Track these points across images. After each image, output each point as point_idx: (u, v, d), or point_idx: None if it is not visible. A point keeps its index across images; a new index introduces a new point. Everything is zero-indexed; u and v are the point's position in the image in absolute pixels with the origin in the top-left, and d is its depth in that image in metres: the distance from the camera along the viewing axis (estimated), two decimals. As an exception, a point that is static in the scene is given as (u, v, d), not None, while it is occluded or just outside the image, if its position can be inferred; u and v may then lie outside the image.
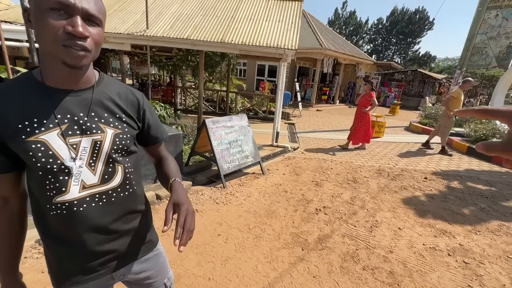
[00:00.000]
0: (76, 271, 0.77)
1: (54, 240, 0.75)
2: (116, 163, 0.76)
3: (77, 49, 0.59)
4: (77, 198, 0.70)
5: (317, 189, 3.80)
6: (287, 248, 2.44)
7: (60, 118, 0.66)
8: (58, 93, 0.66)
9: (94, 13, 0.61)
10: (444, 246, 2.61)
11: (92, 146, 0.70)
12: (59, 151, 0.66)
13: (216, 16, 6.23)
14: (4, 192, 0.72)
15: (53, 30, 0.57)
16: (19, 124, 0.63)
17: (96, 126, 0.71)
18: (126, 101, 0.78)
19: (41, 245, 2.16)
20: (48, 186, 0.67)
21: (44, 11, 0.56)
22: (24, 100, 0.64)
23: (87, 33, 0.59)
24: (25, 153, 0.64)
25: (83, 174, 0.70)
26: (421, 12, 35.42)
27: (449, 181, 4.36)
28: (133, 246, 0.86)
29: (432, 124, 8.68)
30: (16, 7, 6.93)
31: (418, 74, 18.67)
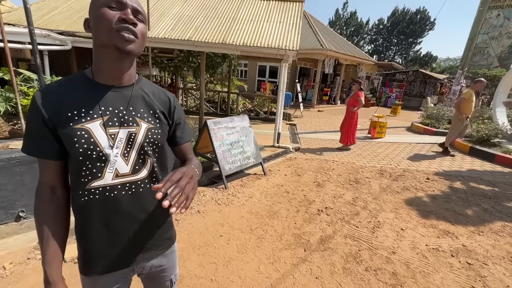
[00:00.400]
0: (102, 261, 0.82)
1: (87, 228, 0.80)
2: (146, 156, 0.83)
3: (128, 32, 0.71)
4: (110, 184, 0.77)
5: (319, 189, 3.79)
6: (289, 249, 2.44)
7: (103, 110, 0.75)
8: (104, 88, 0.76)
9: (140, 10, 0.75)
10: (447, 247, 2.60)
11: (127, 138, 0.78)
12: (99, 139, 0.74)
13: (217, 17, 6.25)
14: (52, 181, 0.78)
15: (109, 19, 0.69)
16: (68, 113, 0.72)
17: (132, 119, 0.79)
18: (160, 100, 0.87)
19: (44, 246, 2.17)
20: (84, 172, 0.75)
21: (101, 8, 0.70)
22: (74, 93, 0.74)
23: (135, 20, 0.72)
24: (70, 139, 0.72)
25: (117, 163, 0.77)
26: (422, 12, 35.37)
27: (451, 182, 4.34)
28: (155, 240, 0.91)
29: (434, 124, 8.66)
30: (19, 9, 6.98)
31: (419, 74, 18.63)
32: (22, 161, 2.25)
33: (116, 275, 0.86)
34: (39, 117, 0.71)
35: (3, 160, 2.16)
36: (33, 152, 0.75)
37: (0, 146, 2.49)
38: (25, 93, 3.71)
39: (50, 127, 0.72)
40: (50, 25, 6.33)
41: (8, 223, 2.27)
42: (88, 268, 0.83)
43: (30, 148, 0.74)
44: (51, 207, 0.78)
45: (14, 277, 1.86)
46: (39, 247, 2.15)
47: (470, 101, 5.41)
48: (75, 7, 7.26)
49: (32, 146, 0.74)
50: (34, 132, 0.73)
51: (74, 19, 6.67)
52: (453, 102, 11.34)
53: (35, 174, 2.34)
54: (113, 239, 0.82)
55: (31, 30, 2.43)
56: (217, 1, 6.93)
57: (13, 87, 3.06)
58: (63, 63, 7.36)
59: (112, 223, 0.80)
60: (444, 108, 9.36)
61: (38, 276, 1.89)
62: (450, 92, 11.87)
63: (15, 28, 5.19)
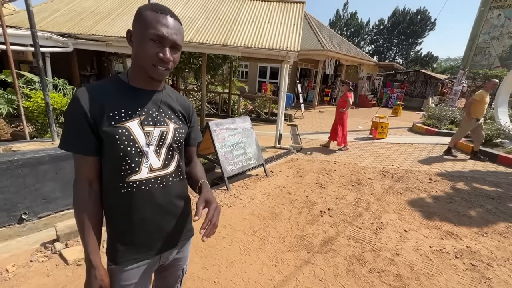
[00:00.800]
0: (134, 249, 0.89)
1: (121, 219, 0.87)
2: (174, 152, 0.93)
3: (162, 69, 0.81)
4: (146, 178, 0.85)
5: (321, 191, 3.78)
6: (292, 251, 2.43)
7: (140, 111, 0.84)
8: (139, 92, 0.86)
9: (179, 42, 0.82)
10: (451, 249, 2.58)
11: (160, 136, 0.87)
12: (138, 136, 0.83)
13: (218, 18, 6.26)
14: (89, 175, 0.84)
15: (150, 54, 0.78)
16: (110, 113, 0.79)
17: (163, 120, 0.89)
18: (182, 105, 0.98)
19: (47, 249, 2.17)
20: (124, 166, 0.82)
21: (146, 40, 0.77)
22: (115, 95, 0.82)
23: (171, 58, 0.81)
24: (112, 136, 0.79)
25: (151, 158, 0.86)
26: (423, 12, 35.33)
27: (454, 183, 4.32)
28: (180, 230, 0.99)
29: (436, 124, 8.63)
30: (21, 12, 7.01)
31: (420, 74, 18.61)
32: (25, 163, 2.25)
33: (143, 266, 0.92)
34: (81, 115, 0.77)
35: (6, 163, 2.16)
36: (73, 148, 0.80)
37: (3, 148, 2.48)
38: (27, 95, 3.71)
39: (92, 125, 0.78)
40: (52, 27, 6.35)
41: (10, 225, 2.27)
42: (121, 257, 0.88)
43: (70, 144, 0.80)
44: (90, 201, 0.84)
45: (16, 280, 1.85)
46: (41, 250, 2.15)
47: (481, 103, 5.26)
48: (76, 9, 7.29)
49: (72, 142, 0.80)
50: (75, 129, 0.79)
51: (76, 21, 6.69)
52: (455, 102, 11.32)
53: (37, 176, 2.34)
54: (145, 229, 0.89)
55: (33, 33, 2.44)
56: (218, 2, 6.94)
57: (15, 89, 3.07)
58: (64, 65, 7.38)
59: (145, 214, 0.87)
60: (445, 108, 9.33)
61: (41, 278, 1.88)
62: (452, 92, 11.84)
63: (17, 30, 5.22)
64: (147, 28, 0.76)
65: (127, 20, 6.52)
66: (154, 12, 0.77)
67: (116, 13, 6.88)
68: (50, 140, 2.80)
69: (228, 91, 9.56)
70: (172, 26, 0.79)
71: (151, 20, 0.76)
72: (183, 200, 0.98)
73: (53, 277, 1.90)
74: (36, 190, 2.36)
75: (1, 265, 1.95)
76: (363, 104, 16.03)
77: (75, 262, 2.05)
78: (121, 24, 6.37)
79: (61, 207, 2.55)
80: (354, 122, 10.35)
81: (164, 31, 0.77)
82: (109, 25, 6.37)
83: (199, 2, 7.01)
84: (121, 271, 0.89)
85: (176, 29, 0.80)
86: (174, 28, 0.79)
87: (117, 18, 6.66)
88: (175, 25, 0.80)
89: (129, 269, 0.89)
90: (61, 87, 4.74)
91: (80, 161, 0.82)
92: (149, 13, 0.77)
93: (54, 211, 2.51)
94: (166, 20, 0.78)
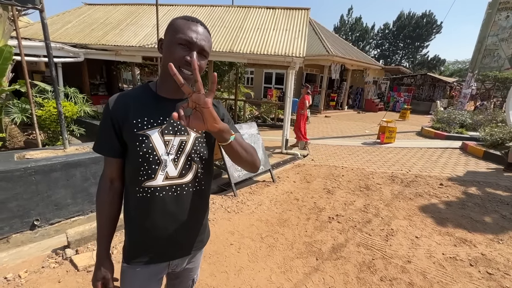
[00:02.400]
0: (144, 252, 0.92)
1: (134, 221, 0.91)
2: (192, 162, 0.91)
3: (188, 73, 0.80)
4: (160, 185, 0.86)
5: (329, 196, 3.74)
6: (301, 258, 2.40)
7: (162, 119, 0.86)
8: (164, 101, 0.87)
9: (206, 49, 0.82)
10: (465, 256, 2.50)
11: (179, 145, 0.88)
12: (157, 144, 0.85)
13: (224, 26, 6.36)
14: (112, 174, 0.91)
15: (177, 57, 0.79)
16: (133, 120, 0.83)
17: (184, 129, 0.89)
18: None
19: (58, 255, 2.20)
20: (142, 171, 0.85)
21: (175, 44, 0.79)
22: (140, 102, 0.86)
23: (197, 63, 0.78)
24: (133, 142, 0.83)
25: (168, 166, 0.87)
26: (428, 16, 35.15)
27: (466, 187, 4.21)
28: (191, 240, 0.98)
29: (445, 128, 8.47)
30: (34, 24, 7.28)
31: (428, 78, 18.42)
32: (38, 170, 2.31)
33: (152, 269, 0.94)
34: (109, 120, 0.84)
35: (20, 170, 2.22)
36: (99, 149, 0.88)
37: (17, 156, 2.55)
38: (40, 104, 3.82)
39: (117, 130, 0.84)
40: (64, 39, 6.56)
41: (23, 231, 2.31)
42: (132, 257, 0.92)
43: (98, 146, 0.88)
44: (108, 197, 0.91)
45: (29, 286, 1.88)
46: (53, 256, 2.18)
47: None
48: (87, 20, 7.53)
49: (100, 145, 0.88)
50: (103, 133, 0.86)
51: (86, 32, 6.90)
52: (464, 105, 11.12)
53: (49, 183, 2.39)
54: (155, 235, 0.90)
55: (47, 44, 2.53)
56: (224, 11, 7.07)
57: (29, 98, 3.16)
58: (75, 74, 7.58)
59: (157, 220, 0.89)
60: (455, 111, 9.18)
61: (52, 285, 1.90)
62: (461, 95, 11.65)
63: (31, 42, 5.41)
64: (177, 33, 0.79)
65: (135, 30, 6.69)
66: (185, 20, 0.81)
67: (125, 23, 7.08)
68: (62, 147, 2.86)
69: (234, 97, 9.63)
70: (201, 33, 0.81)
71: (181, 26, 0.79)
72: (197, 211, 0.97)
73: (64, 283, 1.92)
74: (48, 197, 2.41)
75: (14, 271, 1.99)
76: (370, 108, 15.90)
77: (85, 268, 2.07)
78: (130, 34, 6.54)
79: (72, 214, 2.59)
80: (361, 126, 10.27)
81: (192, 36, 0.79)
82: (118, 35, 6.55)
83: (205, 11, 7.16)
84: (130, 271, 0.93)
85: (205, 36, 0.82)
86: (203, 35, 0.81)
87: (126, 28, 6.84)
88: (204, 33, 0.82)
89: (137, 270, 0.92)
90: (72, 96, 4.87)
91: (105, 160, 0.90)
92: (180, 21, 0.81)
93: (65, 217, 2.55)
94: (195, 27, 0.80)
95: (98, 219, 0.93)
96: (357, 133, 8.93)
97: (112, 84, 11.10)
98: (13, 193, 2.20)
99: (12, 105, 3.89)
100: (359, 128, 9.95)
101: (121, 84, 14.30)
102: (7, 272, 1.97)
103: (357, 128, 9.94)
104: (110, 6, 8.28)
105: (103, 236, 0.93)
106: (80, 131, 4.18)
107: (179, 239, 0.94)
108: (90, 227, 2.39)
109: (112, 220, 0.94)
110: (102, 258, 0.93)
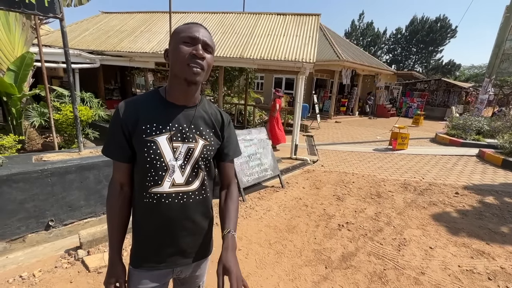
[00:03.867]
0: (150, 257, 0.93)
1: (141, 226, 0.92)
2: (199, 169, 0.92)
3: (196, 66, 0.80)
4: (167, 192, 0.87)
5: (338, 203, 3.68)
6: (309, 266, 2.35)
7: (170, 126, 0.86)
8: (174, 107, 0.88)
9: (209, 43, 0.84)
10: (483, 269, 2.39)
11: (186, 152, 0.88)
12: (164, 151, 0.85)
13: (235, 33, 6.45)
14: (121, 179, 0.91)
15: (183, 54, 0.80)
16: (143, 126, 0.84)
17: (192, 136, 0.89)
18: (215, 119, 0.97)
19: (70, 256, 2.25)
20: (149, 177, 0.86)
21: (179, 43, 0.80)
22: (150, 108, 0.87)
23: (204, 54, 0.82)
24: (141, 148, 0.84)
25: (175, 173, 0.87)
26: (443, 20, 34.45)
27: (483, 197, 4.05)
28: (196, 247, 0.98)
29: (461, 135, 8.20)
30: (54, 32, 7.61)
31: (442, 83, 17.96)
32: (54, 172, 2.39)
33: (157, 274, 0.95)
34: (119, 125, 0.85)
35: (37, 172, 2.30)
36: (109, 154, 0.89)
37: (35, 158, 2.65)
38: (57, 108, 3.97)
39: (126, 135, 0.85)
40: (82, 45, 6.82)
41: (38, 231, 2.38)
42: (137, 261, 0.94)
43: (107, 151, 0.89)
44: (118, 201, 0.92)
45: (42, 285, 1.93)
46: (65, 256, 2.23)
47: None
48: (103, 28, 7.81)
49: (109, 149, 0.88)
50: (113, 137, 0.86)
51: (103, 39, 7.15)
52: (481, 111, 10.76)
53: (64, 185, 2.47)
54: (160, 241, 0.91)
55: (66, 51, 2.64)
56: (235, 18, 7.18)
57: (47, 103, 3.30)
58: (91, 79, 7.86)
59: (162, 227, 0.90)
60: (471, 118, 8.89)
61: (64, 285, 1.95)
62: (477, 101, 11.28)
63: (51, 49, 5.66)
64: (180, 35, 0.82)
65: (149, 37, 6.89)
66: (186, 24, 0.84)
67: (139, 31, 7.30)
68: (77, 150, 2.96)
69: (244, 102, 9.70)
70: (202, 31, 0.84)
71: (183, 29, 0.83)
72: (202, 219, 0.97)
73: (75, 283, 1.96)
74: (63, 198, 2.48)
75: (29, 270, 2.05)
76: (381, 114, 15.63)
77: (96, 270, 2.10)
78: (143, 41, 6.74)
79: (85, 215, 2.66)
80: (372, 132, 10.10)
81: (195, 33, 0.81)
82: (133, 42, 6.75)
83: (216, 18, 7.29)
84: (136, 274, 0.94)
85: (207, 35, 0.85)
86: (205, 33, 0.84)
87: (140, 35, 7.05)
88: (206, 32, 0.85)
89: (142, 273, 0.93)
90: (88, 100, 5.04)
91: (115, 165, 0.91)
92: (181, 26, 0.85)
93: (78, 218, 2.62)
94: (197, 27, 0.83)
95: (109, 223, 0.93)
96: (368, 139, 8.78)
97: (126, 89, 11.42)
98: (30, 194, 2.29)
99: (32, 109, 4.06)
100: (370, 134, 9.79)
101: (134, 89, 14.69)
102: (22, 271, 2.03)
103: (368, 134, 9.78)
104: (125, 14, 8.57)
105: (114, 240, 0.94)
106: (94, 135, 4.31)
107: (184, 247, 0.94)
108: (101, 228, 2.44)
109: (123, 224, 0.95)
110: (114, 262, 0.94)
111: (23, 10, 2.28)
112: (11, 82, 3.54)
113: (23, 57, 3.56)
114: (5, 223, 2.19)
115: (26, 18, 3.94)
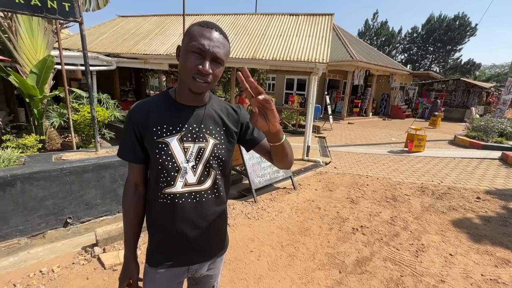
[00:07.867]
0: (165, 256, 0.94)
1: (156, 226, 0.93)
2: (211, 168, 0.91)
3: (201, 81, 0.79)
4: (180, 192, 0.88)
5: (352, 206, 3.59)
6: (323, 270, 2.31)
7: (180, 126, 0.87)
8: (183, 108, 0.88)
9: (220, 56, 0.80)
10: (509, 279, 2.26)
11: (197, 152, 0.88)
12: (175, 152, 0.86)
13: (247, 34, 6.47)
14: (136, 179, 0.93)
15: (190, 66, 0.78)
16: (153, 127, 0.85)
17: (203, 136, 0.89)
18: (228, 115, 0.96)
19: (87, 252, 2.31)
20: (161, 178, 0.86)
21: (189, 52, 0.78)
22: (160, 110, 0.87)
23: (210, 71, 0.79)
24: (153, 149, 0.85)
25: (187, 173, 0.88)
26: (461, 18, 33.23)
27: (507, 202, 3.84)
28: (210, 246, 1.00)
29: (482, 137, 7.84)
30: (74, 36, 7.90)
31: (461, 83, 17.28)
32: (72, 171, 2.46)
33: (173, 272, 0.96)
34: (131, 128, 0.86)
35: (57, 170, 2.38)
36: (122, 155, 0.91)
37: (54, 157, 2.75)
38: (76, 109, 4.11)
39: (138, 137, 0.86)
40: (99, 48, 7.05)
41: (57, 228, 2.46)
42: (152, 260, 0.95)
43: (121, 152, 0.91)
44: (133, 201, 0.94)
45: (60, 280, 1.99)
46: (82, 253, 2.29)
47: None
48: (120, 31, 8.03)
49: (122, 151, 0.91)
50: (126, 139, 0.88)
51: (119, 42, 7.36)
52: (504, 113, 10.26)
53: (82, 183, 2.54)
54: (175, 240, 0.92)
55: (85, 54, 2.72)
56: (247, 19, 7.20)
57: (67, 104, 3.41)
58: (107, 81, 8.10)
59: (176, 226, 0.90)
60: (493, 119, 8.49)
61: (81, 281, 2.00)
62: (499, 102, 10.77)
63: (70, 52, 5.87)
64: (191, 41, 0.78)
65: (163, 40, 7.02)
66: (200, 27, 0.79)
67: (154, 33, 7.46)
68: (94, 150, 3.04)
69: (256, 103, 9.69)
70: (215, 39, 0.78)
71: (196, 33, 0.78)
72: (216, 217, 0.97)
73: (91, 280, 2.01)
74: (80, 196, 2.55)
75: (48, 265, 2.12)
76: (396, 115, 15.22)
77: (111, 267, 2.15)
78: (158, 43, 6.87)
79: (101, 213, 2.72)
80: (387, 134, 9.85)
81: (205, 44, 0.76)
82: (147, 44, 6.90)
83: (229, 20, 7.34)
84: (151, 272, 0.95)
85: (220, 42, 0.79)
86: (217, 41, 0.78)
87: (155, 38, 7.20)
88: (218, 39, 0.79)
89: (158, 272, 0.94)
90: (104, 101, 5.19)
91: (129, 166, 0.93)
92: (195, 27, 0.79)
93: (94, 216, 2.68)
94: (210, 33, 0.78)
95: (124, 222, 0.96)
96: (382, 141, 8.56)
97: (140, 91, 11.70)
98: (50, 192, 2.36)
99: (52, 110, 4.22)
100: (384, 135, 9.54)
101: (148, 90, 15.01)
102: (42, 266, 2.10)
103: (382, 135, 9.54)
104: (140, 17, 8.79)
105: (129, 238, 0.96)
106: (110, 135, 4.42)
107: (198, 244, 0.95)
108: (117, 227, 2.49)
109: (138, 224, 0.97)
110: (129, 260, 0.96)
111: (46, 15, 2.37)
112: (33, 84, 3.69)
113: (44, 60, 3.71)
114: (27, 219, 2.28)
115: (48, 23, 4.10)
